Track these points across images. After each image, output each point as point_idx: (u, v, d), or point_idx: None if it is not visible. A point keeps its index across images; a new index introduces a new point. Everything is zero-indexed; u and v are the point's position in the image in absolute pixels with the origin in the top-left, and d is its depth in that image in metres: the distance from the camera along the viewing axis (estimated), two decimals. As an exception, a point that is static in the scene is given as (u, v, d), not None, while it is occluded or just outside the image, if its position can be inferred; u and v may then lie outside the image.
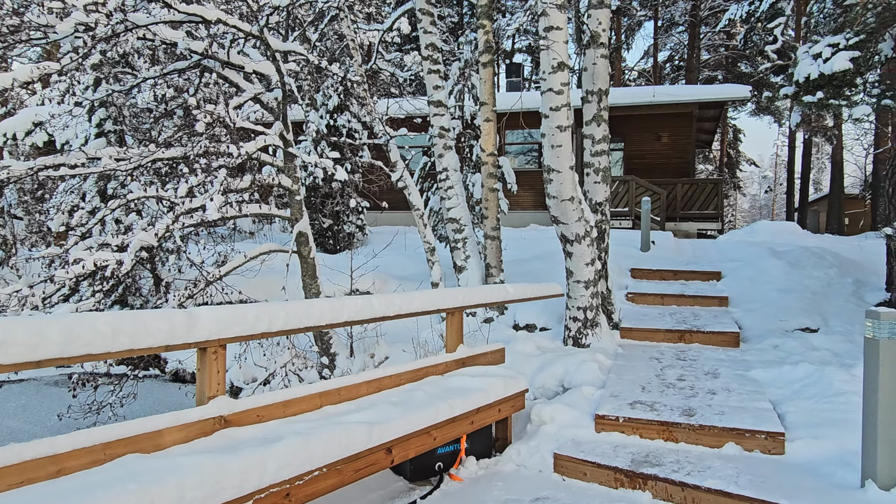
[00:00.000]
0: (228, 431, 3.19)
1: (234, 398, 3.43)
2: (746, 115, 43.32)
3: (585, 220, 6.52)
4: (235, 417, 3.26)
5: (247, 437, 3.15)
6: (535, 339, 6.80)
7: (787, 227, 14.00)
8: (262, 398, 3.44)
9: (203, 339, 3.11)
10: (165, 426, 2.93)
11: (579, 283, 6.67)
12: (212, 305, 5.26)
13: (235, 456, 2.78)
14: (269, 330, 3.45)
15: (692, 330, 6.87)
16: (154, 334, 2.84)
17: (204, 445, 3.00)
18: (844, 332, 6.65)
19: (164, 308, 6.43)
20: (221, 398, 3.23)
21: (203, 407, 3.17)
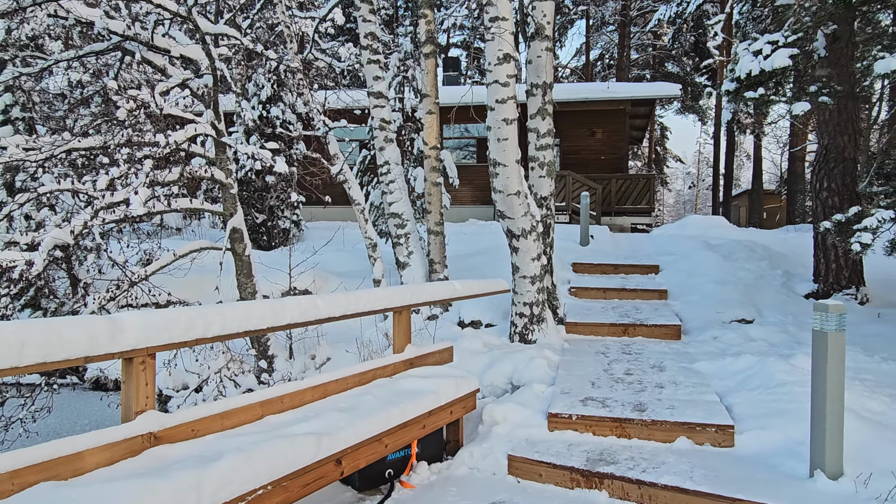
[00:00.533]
0: (159, 450, 2.87)
1: (162, 407, 3.12)
2: (673, 113, 44.97)
3: (531, 215, 6.44)
4: (167, 434, 2.94)
5: (181, 455, 2.85)
6: (482, 335, 6.68)
7: (716, 220, 14.52)
8: (196, 410, 3.13)
9: (129, 349, 2.79)
10: (86, 447, 2.60)
11: (525, 279, 6.59)
12: (138, 309, 4.85)
13: (167, 478, 2.49)
14: (205, 336, 3.14)
15: (635, 323, 6.93)
16: (71, 345, 2.50)
17: (131, 468, 2.68)
18: (778, 323, 6.86)
19: (82, 312, 5.91)
20: (151, 413, 2.91)
21: (130, 424, 2.84)
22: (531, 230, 6.44)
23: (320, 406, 3.73)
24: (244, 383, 5.52)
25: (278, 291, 7.41)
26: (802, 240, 12.38)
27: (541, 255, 6.62)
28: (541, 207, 6.98)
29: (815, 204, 7.65)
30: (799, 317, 7.04)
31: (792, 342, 6.22)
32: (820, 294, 7.55)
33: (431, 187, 7.87)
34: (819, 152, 7.58)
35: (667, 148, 49.44)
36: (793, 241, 11.39)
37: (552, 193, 7.03)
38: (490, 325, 7.39)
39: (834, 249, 7.44)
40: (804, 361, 5.24)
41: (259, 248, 12.59)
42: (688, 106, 43.37)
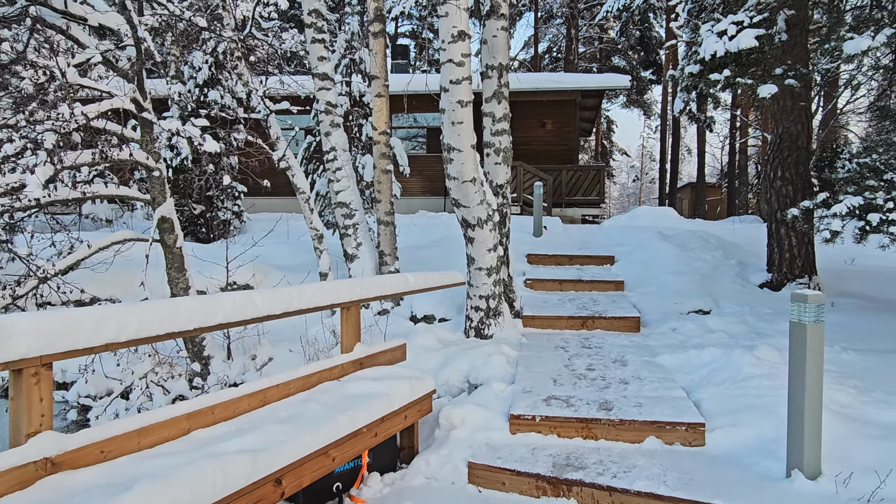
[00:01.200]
0: (58, 478, 2.40)
1: (82, 419, 2.63)
2: (618, 107, 45.66)
3: (487, 204, 6.11)
4: (69, 458, 2.46)
5: (84, 484, 2.39)
6: (435, 331, 6.33)
7: (665, 211, 14.60)
8: (106, 428, 2.66)
9: (17, 358, 2.31)
10: (-43, 482, 2.11)
11: (481, 271, 6.26)
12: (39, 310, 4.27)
13: (62, 518, 2.03)
14: (117, 340, 2.67)
15: (594, 316, 6.71)
16: (-68, 357, 2.01)
17: (19, 503, 2.21)
18: (735, 314, 6.76)
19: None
20: (47, 434, 2.43)
21: (20, 448, 2.36)
22: (487, 219, 6.11)
23: (258, 416, 3.30)
24: (175, 389, 4.99)
25: (216, 287, 6.85)
26: (749, 230, 12.55)
27: (497, 245, 6.31)
28: (497, 196, 6.66)
29: (768, 193, 7.62)
30: (755, 307, 6.97)
31: (751, 333, 6.11)
32: (774, 284, 7.53)
33: (381, 175, 7.44)
34: (773, 141, 7.53)
35: (613, 141, 50.26)
36: (741, 232, 11.49)
37: (508, 181, 6.72)
38: (444, 319, 7.04)
39: (788, 239, 7.42)
40: (769, 353, 5.11)
41: (198, 241, 11.87)
42: (633, 100, 44.12)
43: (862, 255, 9.84)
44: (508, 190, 6.74)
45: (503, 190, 6.69)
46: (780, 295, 7.33)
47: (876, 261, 9.89)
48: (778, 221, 7.48)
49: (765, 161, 7.74)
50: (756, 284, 7.66)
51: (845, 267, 8.73)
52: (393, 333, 6.43)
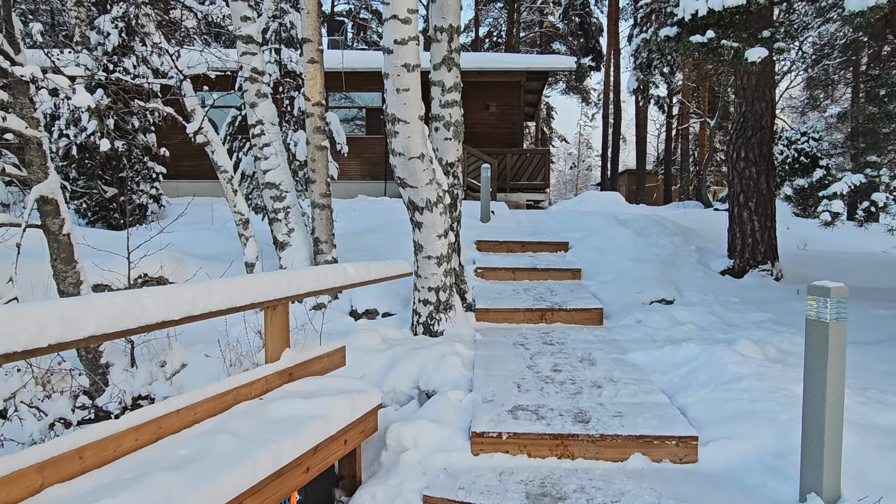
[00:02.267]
0: None
1: None
2: (558, 93, 45.77)
3: (437, 184, 5.39)
4: None
5: None
6: (379, 328, 5.58)
7: (613, 197, 14.29)
8: None
9: None
10: None
11: (430, 260, 5.55)
12: None
13: None
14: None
15: (553, 308, 6.12)
16: None
17: None
18: (701, 303, 6.33)
19: None
20: None
21: None
22: (437, 201, 5.39)
23: (148, 457, 2.48)
24: (53, 410, 4.04)
25: (120, 281, 5.85)
26: (698, 215, 12.34)
27: (448, 231, 5.61)
28: (447, 175, 5.95)
29: (731, 175, 7.23)
30: (720, 295, 6.56)
31: (723, 325, 5.67)
32: (736, 270, 7.16)
33: (316, 152, 6.59)
34: (736, 120, 7.13)
35: (553, 128, 50.46)
36: (693, 217, 11.23)
37: (460, 159, 6.02)
38: (388, 314, 6.30)
39: (751, 223, 7.05)
40: (750, 349, 4.64)
41: (111, 228, 10.64)
42: (572, 87, 44.24)
43: (812, 241, 9.71)
44: (460, 169, 6.04)
45: (454, 169, 5.98)
46: (744, 282, 6.97)
47: (826, 246, 9.78)
48: (741, 205, 7.10)
49: (727, 142, 7.33)
50: (717, 271, 7.28)
51: (800, 252, 8.51)
52: (330, 332, 5.64)
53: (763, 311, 5.95)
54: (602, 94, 32.95)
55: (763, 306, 6.13)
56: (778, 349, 4.81)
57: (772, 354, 4.72)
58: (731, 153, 7.13)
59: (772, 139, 7.01)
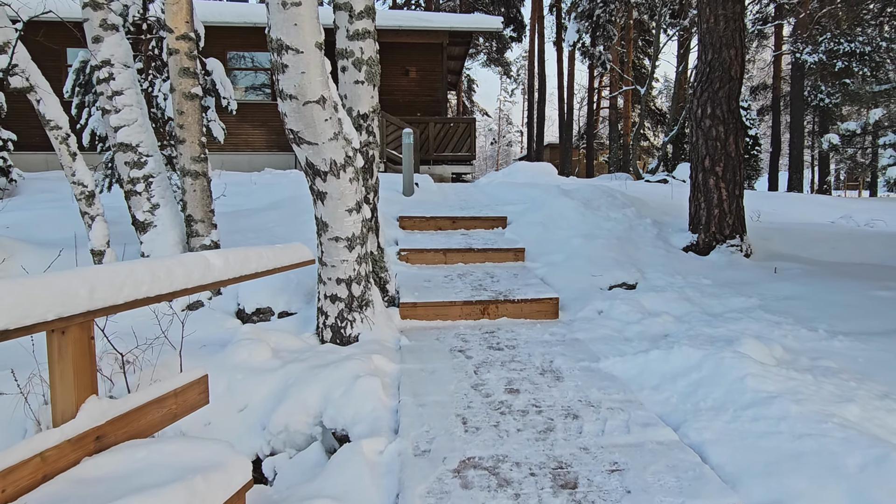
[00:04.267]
0: None
1: None
2: (479, 65, 44.66)
3: (346, 140, 3.98)
4: None
5: None
6: (271, 334, 4.14)
7: (545, 167, 13.26)
8: None
9: None
10: None
11: (338, 242, 4.16)
12: None
13: None
14: None
15: (497, 299, 4.89)
16: None
17: None
18: (670, 287, 5.28)
19: None
20: None
21: None
22: (346, 163, 3.99)
23: None
24: None
25: None
26: (638, 186, 11.49)
27: (361, 204, 4.23)
28: (360, 130, 4.55)
29: (694, 135, 6.21)
30: (689, 277, 5.55)
31: (703, 315, 4.62)
32: (700, 246, 6.19)
33: (184, 101, 4.98)
34: (701, 71, 6.09)
35: (474, 101, 49.39)
36: (635, 188, 10.34)
37: (375, 110, 4.62)
38: (287, 313, 4.86)
39: (717, 192, 6.07)
40: (759, 350, 3.57)
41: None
42: (493, 59, 43.28)
43: (763, 213, 9.00)
44: (377, 123, 4.65)
45: (369, 122, 4.58)
46: (711, 260, 6.00)
47: (776, 217, 9.11)
48: (706, 170, 6.10)
49: (690, 97, 6.29)
50: (680, 248, 6.28)
51: (757, 224, 7.70)
52: (203, 341, 4.16)
53: (745, 296, 4.96)
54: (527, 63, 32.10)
55: (742, 289, 5.16)
56: (784, 348, 3.79)
57: (779, 355, 3.68)
58: (696, 110, 6.10)
59: (740, 93, 6.03)
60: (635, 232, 6.48)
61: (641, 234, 6.44)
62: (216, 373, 3.56)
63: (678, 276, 5.57)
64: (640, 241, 6.29)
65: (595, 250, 5.98)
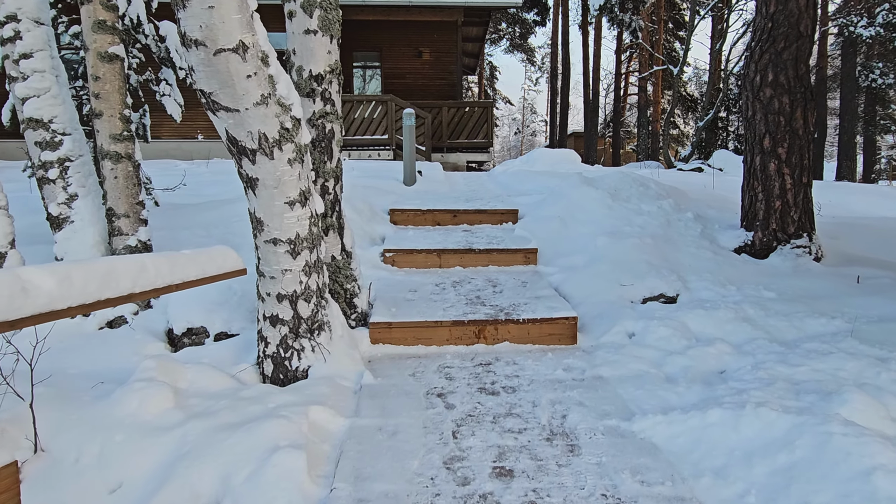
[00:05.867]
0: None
1: None
2: (501, 51, 43.24)
3: (281, 105, 2.88)
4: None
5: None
6: (187, 370, 3.07)
7: (567, 154, 12.04)
8: None
9: None
10: None
11: (278, 246, 3.08)
12: None
13: None
14: None
15: (497, 318, 3.76)
16: None
17: None
18: (721, 301, 4.10)
19: None
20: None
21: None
22: (282, 138, 2.89)
23: None
24: None
25: None
26: (672, 175, 10.24)
27: (310, 194, 3.14)
28: (313, 97, 3.46)
29: (750, 109, 4.98)
30: (745, 287, 4.36)
31: (772, 343, 3.45)
32: (757, 247, 4.98)
33: (100, 64, 3.94)
34: (761, 27, 4.86)
35: (496, 89, 47.99)
36: (667, 176, 9.09)
37: (335, 70, 3.51)
38: (226, 335, 3.80)
39: (780, 178, 4.85)
40: (877, 414, 2.40)
41: None
42: (517, 44, 41.87)
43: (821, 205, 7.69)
44: (336, 87, 3.54)
45: (325, 86, 3.48)
46: (772, 265, 4.79)
47: (837, 210, 7.81)
48: (766, 153, 4.88)
49: (745, 61, 5.08)
50: (730, 248, 5.08)
51: (819, 219, 6.43)
52: (96, 378, 3.12)
53: (825, 316, 3.77)
54: (549, 48, 30.71)
55: (819, 306, 3.96)
56: (904, 403, 2.60)
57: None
58: (753, 76, 4.88)
59: (810, 54, 4.80)
60: (674, 229, 5.29)
61: (682, 232, 5.24)
62: (88, 432, 2.52)
63: (731, 287, 4.38)
64: (680, 240, 5.10)
65: (624, 252, 4.81)
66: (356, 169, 8.86)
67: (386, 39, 15.81)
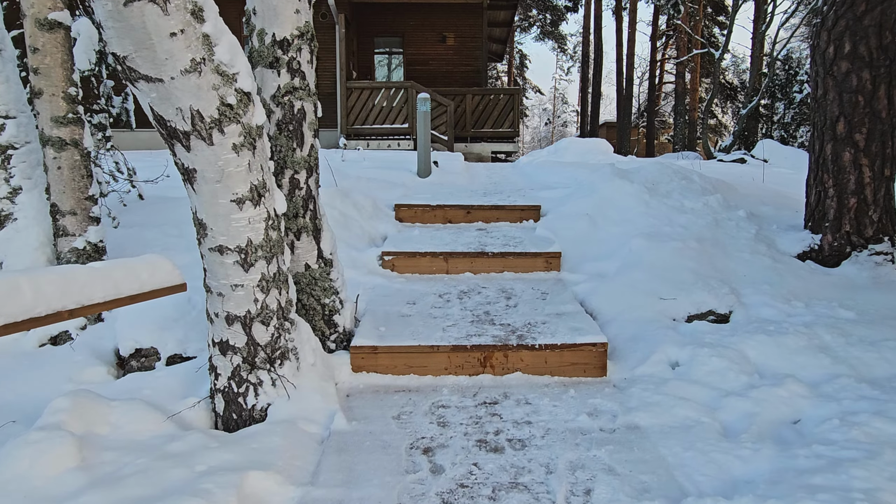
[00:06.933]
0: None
1: None
2: (532, 39, 42.13)
3: (220, 74, 2.21)
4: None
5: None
6: (112, 409, 2.44)
7: (598, 144, 11.20)
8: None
9: None
10: None
11: (225, 255, 2.43)
12: None
13: None
14: None
15: (507, 344, 3.05)
16: None
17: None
18: (787, 322, 3.32)
19: None
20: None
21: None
22: (225, 117, 2.23)
23: None
24: None
25: None
26: (715, 167, 9.34)
27: (266, 190, 2.47)
28: (275, 67, 2.78)
29: (820, 86, 4.16)
30: (815, 304, 3.57)
31: (860, 384, 2.67)
32: (826, 252, 4.16)
33: (39, 33, 3.33)
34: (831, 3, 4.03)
35: (526, 78, 46.88)
36: (709, 168, 8.23)
37: (305, 35, 2.82)
38: (180, 357, 3.18)
39: (856, 171, 4.03)
40: None
41: None
42: (547, 31, 40.73)
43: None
44: (307, 54, 2.85)
45: (292, 53, 2.79)
46: (846, 276, 3.98)
47: None
48: (839, 140, 4.06)
49: (814, 31, 4.25)
50: (793, 254, 4.27)
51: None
52: (16, 412, 2.51)
53: (925, 345, 2.96)
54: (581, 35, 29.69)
55: (913, 330, 3.15)
56: None
57: None
58: (825, 48, 4.05)
59: (898, 21, 3.95)
60: (723, 230, 4.49)
61: (733, 234, 4.44)
62: None
63: (796, 303, 3.59)
64: (731, 243, 4.31)
65: (664, 257, 4.05)
66: (368, 159, 8.21)
67: (409, 24, 15.11)
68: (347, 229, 4.61)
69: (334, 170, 6.38)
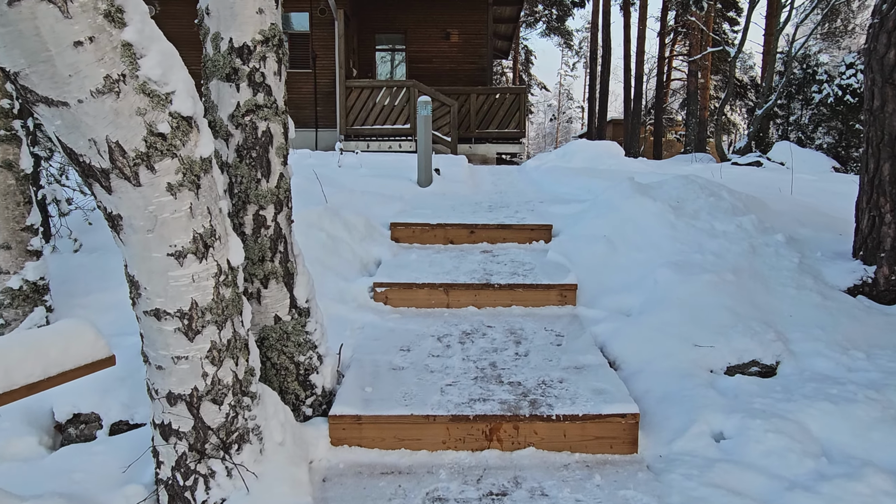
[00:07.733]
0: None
1: None
2: (537, 35, 41.52)
3: (148, 94, 1.69)
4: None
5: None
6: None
7: (608, 147, 10.65)
8: None
9: None
10: None
11: (163, 321, 1.91)
12: None
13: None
14: None
15: (517, 414, 2.53)
16: None
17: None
18: (847, 379, 2.79)
19: None
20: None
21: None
22: (155, 151, 1.71)
23: None
24: None
25: None
26: (732, 172, 8.80)
27: (213, 238, 1.95)
28: (233, 80, 2.25)
29: (877, 97, 3.62)
30: (878, 354, 3.05)
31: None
32: (881, 287, 3.63)
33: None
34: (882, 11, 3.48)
35: (532, 74, 46.24)
36: (728, 174, 7.69)
37: (270, 40, 2.30)
38: (126, 425, 2.67)
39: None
40: None
41: None
42: (553, 27, 40.11)
43: None
44: (273, 63, 2.33)
45: (254, 63, 2.26)
46: (907, 316, 3.44)
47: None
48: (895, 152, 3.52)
49: (870, 25, 3.71)
50: (841, 288, 3.74)
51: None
52: None
53: None
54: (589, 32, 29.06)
55: None
56: None
57: None
58: (884, 52, 3.49)
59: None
60: (761, 258, 3.96)
61: (772, 263, 3.91)
62: None
63: (856, 353, 3.07)
64: (771, 275, 3.78)
65: (697, 293, 3.53)
66: (366, 165, 7.70)
67: (411, 20, 14.57)
68: (336, 255, 4.10)
69: (328, 179, 5.87)
